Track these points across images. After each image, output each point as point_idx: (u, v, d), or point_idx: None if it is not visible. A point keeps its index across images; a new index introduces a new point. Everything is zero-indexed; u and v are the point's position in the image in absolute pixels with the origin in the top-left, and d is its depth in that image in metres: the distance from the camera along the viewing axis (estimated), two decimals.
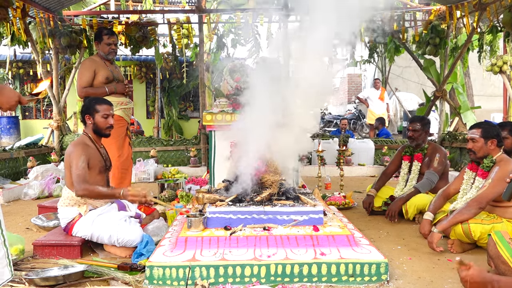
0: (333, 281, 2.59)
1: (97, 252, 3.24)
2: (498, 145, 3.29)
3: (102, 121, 3.35)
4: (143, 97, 13.37)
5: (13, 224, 4.21)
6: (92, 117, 3.36)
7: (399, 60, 11.49)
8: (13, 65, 12.03)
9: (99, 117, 3.35)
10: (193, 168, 7.68)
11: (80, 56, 8.06)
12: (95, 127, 3.37)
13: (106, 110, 3.38)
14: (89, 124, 3.38)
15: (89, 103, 3.42)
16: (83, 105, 3.46)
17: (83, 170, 3.14)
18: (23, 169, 6.70)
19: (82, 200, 3.20)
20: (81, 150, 3.21)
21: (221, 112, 4.12)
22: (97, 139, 3.43)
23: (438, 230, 3.17)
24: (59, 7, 7.44)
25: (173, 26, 8.18)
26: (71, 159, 3.19)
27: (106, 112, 3.37)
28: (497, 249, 2.39)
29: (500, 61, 6.65)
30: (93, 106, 3.37)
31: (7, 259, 2.02)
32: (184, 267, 2.56)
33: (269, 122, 3.16)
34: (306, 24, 3.21)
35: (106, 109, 3.38)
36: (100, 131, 3.39)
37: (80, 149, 3.22)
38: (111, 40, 4.55)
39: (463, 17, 7.09)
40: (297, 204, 3.08)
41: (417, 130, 4.36)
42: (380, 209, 4.41)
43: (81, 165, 3.14)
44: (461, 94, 9.03)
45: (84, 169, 3.15)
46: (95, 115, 3.35)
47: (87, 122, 3.39)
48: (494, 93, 13.25)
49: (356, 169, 7.76)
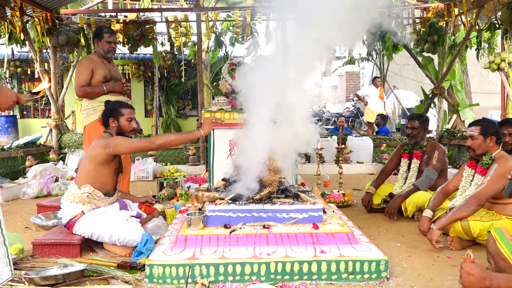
0: (333, 279, 2.59)
1: (97, 251, 3.24)
2: (497, 142, 3.29)
3: (127, 124, 3.41)
4: (141, 95, 13.34)
5: (12, 223, 4.21)
6: (116, 120, 3.40)
7: (397, 57, 11.50)
8: (10, 64, 11.99)
9: (123, 120, 3.40)
10: (192, 166, 7.68)
11: (78, 54, 8.04)
12: (119, 129, 3.41)
13: (130, 114, 3.45)
14: (113, 126, 3.41)
15: (113, 106, 3.48)
16: (107, 108, 3.50)
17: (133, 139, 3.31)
18: (21, 168, 6.69)
19: (87, 199, 3.20)
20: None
21: (219, 110, 4.12)
22: None
23: (438, 227, 3.18)
24: (57, 5, 7.42)
25: (171, 24, 8.17)
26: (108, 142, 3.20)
27: (130, 115, 3.44)
28: (497, 246, 2.40)
29: (498, 59, 6.66)
30: (118, 109, 3.42)
31: (7, 258, 2.02)
32: (184, 265, 2.56)
33: (268, 120, 3.15)
34: (303, 21, 3.18)
35: (130, 112, 3.46)
36: (123, 134, 3.42)
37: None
38: (111, 38, 4.54)
39: (461, 14, 7.09)
40: (297, 202, 3.08)
41: (416, 127, 4.36)
42: (379, 207, 4.42)
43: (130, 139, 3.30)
44: (459, 92, 9.06)
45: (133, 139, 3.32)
46: (120, 118, 3.40)
47: (110, 125, 3.42)
48: (492, 90, 13.29)
49: (355, 167, 7.78)
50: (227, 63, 4.51)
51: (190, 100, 13.55)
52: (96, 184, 3.22)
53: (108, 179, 3.32)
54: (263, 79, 3.19)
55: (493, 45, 7.53)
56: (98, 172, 3.24)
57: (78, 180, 3.26)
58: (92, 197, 3.21)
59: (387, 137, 8.67)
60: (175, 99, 13.03)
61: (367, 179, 6.66)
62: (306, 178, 6.24)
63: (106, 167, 3.27)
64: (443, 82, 8.00)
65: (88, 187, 3.19)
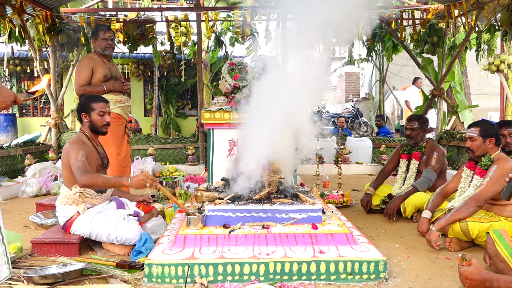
0: (332, 279, 2.59)
1: (96, 250, 3.24)
2: (496, 143, 3.30)
3: (99, 119, 3.34)
4: (141, 95, 13.34)
5: (11, 222, 4.20)
6: (88, 115, 3.34)
7: (397, 58, 11.50)
8: (10, 63, 11.98)
9: (95, 115, 3.34)
10: (191, 166, 7.67)
11: (78, 53, 8.04)
12: (92, 125, 3.35)
13: (102, 108, 3.36)
14: (86, 122, 3.36)
15: (84, 101, 3.40)
16: (79, 103, 3.44)
17: (82, 162, 3.09)
18: (20, 167, 6.68)
19: (80, 198, 3.19)
20: (79, 146, 3.18)
21: (219, 110, 4.12)
22: (94, 137, 3.41)
23: (436, 228, 3.18)
24: (57, 4, 7.40)
25: (171, 24, 8.16)
26: (69, 156, 3.15)
27: (102, 109, 3.35)
28: (496, 247, 2.40)
29: (497, 60, 6.67)
30: (88, 104, 3.35)
31: (5, 257, 2.01)
32: (183, 265, 2.56)
33: (268, 120, 3.15)
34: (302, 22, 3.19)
35: (102, 106, 3.37)
36: (96, 129, 3.37)
37: (77, 145, 3.19)
38: (107, 35, 4.52)
39: (461, 15, 7.10)
40: (296, 203, 3.08)
41: (415, 128, 4.37)
42: (378, 208, 4.42)
43: (80, 158, 3.09)
44: (458, 93, 9.06)
45: (84, 162, 3.09)
46: (91, 113, 3.34)
47: (83, 120, 3.37)
48: (491, 92, 13.31)
49: (354, 168, 7.78)
50: (227, 63, 4.51)
51: (190, 99, 13.55)
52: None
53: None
54: (263, 79, 3.19)
55: (493, 46, 7.54)
56: None
57: (67, 182, 3.24)
58: (84, 195, 3.19)
59: (386, 138, 8.68)
60: (175, 98, 13.03)
61: (366, 179, 6.67)
62: (305, 178, 6.25)
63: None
64: (443, 83, 8.00)
65: (78, 187, 3.15)
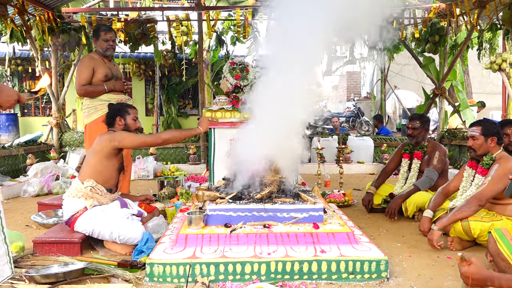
0: (333, 279, 2.59)
1: (97, 249, 3.24)
2: (498, 142, 3.29)
3: (133, 123, 3.58)
4: (142, 94, 13.35)
5: (13, 221, 4.21)
6: (123, 119, 3.54)
7: (398, 57, 11.48)
8: (12, 62, 11.99)
9: (130, 119, 3.56)
10: (192, 165, 7.68)
11: (79, 53, 8.05)
12: (126, 128, 3.54)
13: (135, 114, 3.64)
14: (120, 125, 3.53)
15: (120, 105, 3.65)
16: (114, 108, 3.63)
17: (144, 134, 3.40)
18: (22, 166, 6.69)
19: (90, 192, 3.23)
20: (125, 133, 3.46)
21: (220, 109, 4.12)
22: None
23: (438, 227, 3.18)
24: (58, 4, 7.41)
25: (172, 23, 8.17)
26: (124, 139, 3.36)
27: (135, 115, 3.63)
28: (497, 246, 2.39)
29: (499, 59, 6.67)
30: (125, 108, 3.59)
31: (7, 256, 2.02)
32: (185, 264, 2.57)
33: (269, 120, 3.14)
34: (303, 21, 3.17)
35: (135, 112, 3.65)
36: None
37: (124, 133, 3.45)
38: (108, 35, 4.51)
39: (463, 14, 7.08)
40: (297, 202, 3.08)
41: (417, 128, 4.36)
42: (380, 207, 4.42)
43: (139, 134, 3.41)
44: (460, 92, 9.04)
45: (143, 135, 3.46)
46: (127, 117, 3.55)
47: (117, 123, 3.53)
48: (493, 90, 13.29)
49: (355, 167, 7.77)
50: (228, 62, 4.51)
51: (191, 99, 13.55)
52: (99, 178, 3.29)
53: (111, 174, 3.39)
54: (264, 79, 3.18)
55: (495, 45, 7.52)
56: (103, 165, 3.32)
57: (82, 175, 3.33)
58: (94, 191, 3.25)
59: (387, 137, 8.67)
60: (176, 98, 13.03)
61: (368, 179, 6.67)
62: (307, 177, 6.24)
63: (110, 161, 3.36)
64: (444, 82, 8.00)
65: (92, 181, 3.25)
